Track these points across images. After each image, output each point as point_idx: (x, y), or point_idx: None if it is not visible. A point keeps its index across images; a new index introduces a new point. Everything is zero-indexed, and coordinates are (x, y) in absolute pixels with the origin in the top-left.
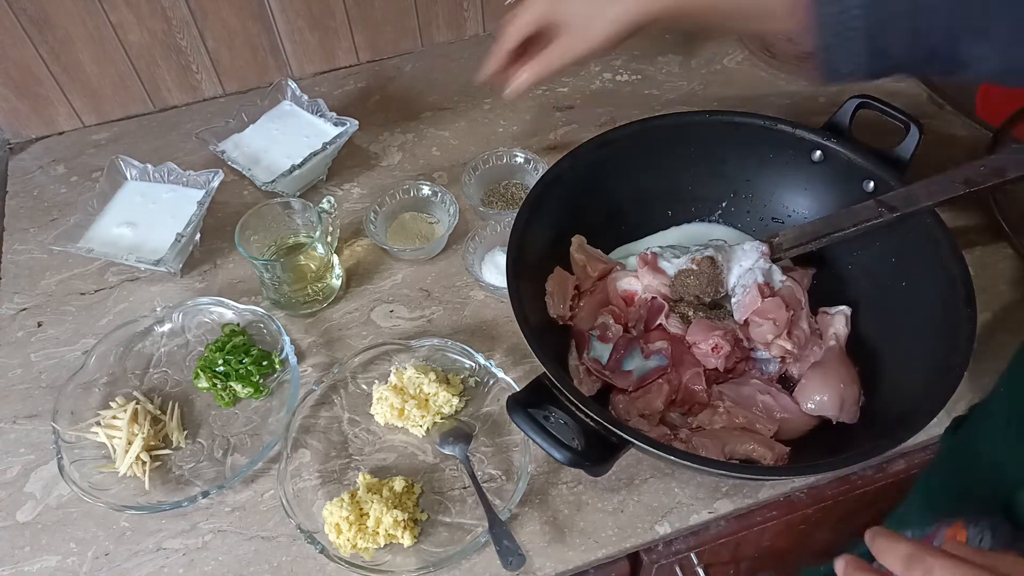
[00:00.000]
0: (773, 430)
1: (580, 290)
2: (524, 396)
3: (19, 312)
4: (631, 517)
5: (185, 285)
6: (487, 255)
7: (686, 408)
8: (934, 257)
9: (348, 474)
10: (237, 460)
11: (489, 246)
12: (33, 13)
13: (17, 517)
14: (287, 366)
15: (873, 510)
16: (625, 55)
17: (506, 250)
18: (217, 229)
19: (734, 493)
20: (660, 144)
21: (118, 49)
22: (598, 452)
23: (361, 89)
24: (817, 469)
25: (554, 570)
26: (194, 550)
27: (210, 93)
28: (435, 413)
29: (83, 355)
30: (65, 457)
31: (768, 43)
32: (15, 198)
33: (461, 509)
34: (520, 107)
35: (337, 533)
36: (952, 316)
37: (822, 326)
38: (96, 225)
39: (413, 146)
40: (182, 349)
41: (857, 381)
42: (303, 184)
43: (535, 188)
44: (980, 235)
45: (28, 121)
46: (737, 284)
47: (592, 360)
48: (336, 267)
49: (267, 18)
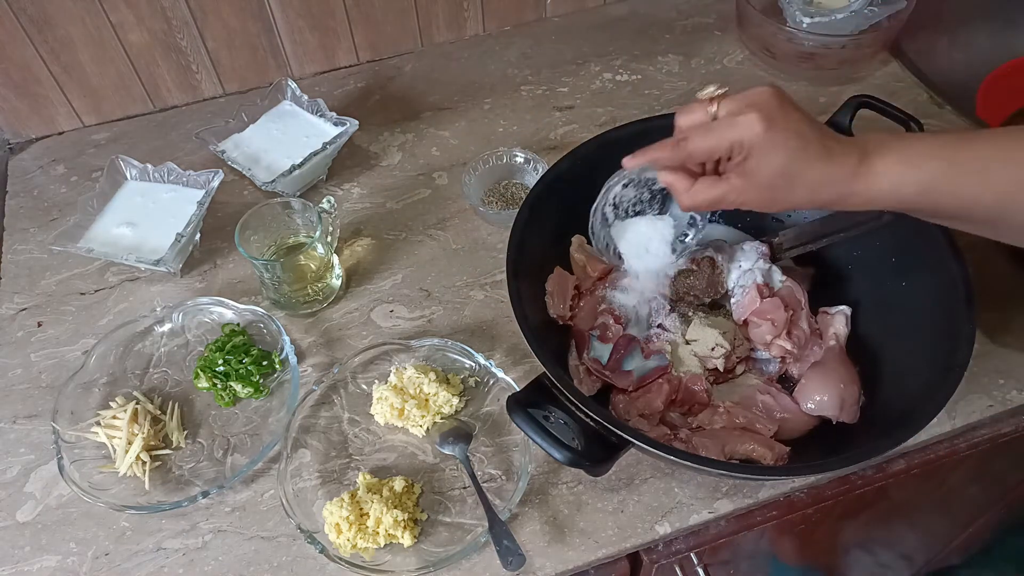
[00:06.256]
0: (773, 430)
1: (580, 290)
2: (524, 396)
3: (19, 312)
4: (631, 517)
5: (185, 285)
6: (624, 224)
7: (686, 408)
8: (934, 257)
9: (348, 474)
10: (237, 460)
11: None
12: (33, 13)
13: (17, 517)
14: (287, 366)
15: (873, 510)
16: (625, 55)
17: (645, 219)
18: (217, 229)
19: (734, 493)
20: None
21: (118, 49)
22: (598, 452)
23: (361, 89)
24: (817, 469)
25: (554, 570)
26: (194, 550)
27: (210, 93)
28: (435, 413)
29: (83, 355)
30: (65, 457)
31: (768, 43)
32: (15, 198)
33: (461, 509)
34: (520, 107)
35: (337, 533)
36: (952, 316)
37: (822, 326)
38: (96, 225)
39: (413, 146)
40: (182, 349)
41: (857, 381)
42: (303, 184)
43: (535, 188)
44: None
45: (28, 121)
46: (737, 284)
47: (592, 360)
48: (336, 267)
49: (267, 18)
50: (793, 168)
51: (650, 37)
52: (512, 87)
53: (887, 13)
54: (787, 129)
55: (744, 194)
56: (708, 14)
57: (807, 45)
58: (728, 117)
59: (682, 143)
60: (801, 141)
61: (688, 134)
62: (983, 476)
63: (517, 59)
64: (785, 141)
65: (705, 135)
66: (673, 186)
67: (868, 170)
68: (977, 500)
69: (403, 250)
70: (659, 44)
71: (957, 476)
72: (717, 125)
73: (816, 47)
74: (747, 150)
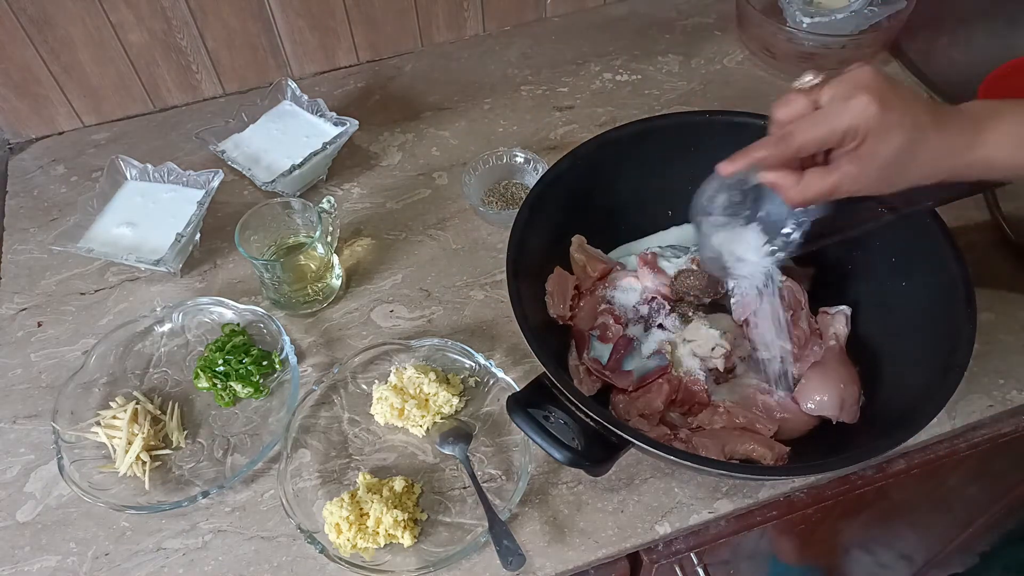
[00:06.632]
0: (773, 430)
1: (580, 290)
2: (524, 396)
3: (19, 312)
4: (631, 517)
5: (185, 285)
6: (731, 234)
7: (686, 408)
8: (934, 257)
9: (348, 474)
10: (237, 460)
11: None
12: (33, 13)
13: (17, 517)
14: (287, 366)
15: (873, 510)
16: (625, 55)
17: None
18: (217, 229)
19: (734, 493)
20: (660, 144)
21: (118, 49)
22: (598, 452)
23: (361, 89)
24: (817, 469)
25: (554, 570)
26: (194, 550)
27: (210, 93)
28: (435, 413)
29: (83, 355)
30: (65, 457)
31: (768, 43)
32: (15, 198)
33: (461, 509)
34: (520, 107)
35: (337, 533)
36: (952, 316)
37: (822, 326)
38: (96, 225)
39: (413, 146)
40: (182, 349)
41: (857, 381)
42: (303, 184)
43: (535, 188)
44: (980, 235)
45: (28, 121)
46: (737, 284)
47: (592, 360)
48: (336, 267)
49: (267, 18)
50: (912, 145)
51: (650, 37)
52: (512, 87)
53: (887, 13)
54: (901, 107)
55: (860, 180)
56: (708, 14)
57: (807, 45)
58: (836, 103)
59: (787, 138)
60: (915, 117)
61: (791, 128)
62: (983, 476)
63: (517, 59)
64: (901, 120)
65: (814, 125)
66: (778, 184)
67: (984, 139)
68: (977, 500)
69: (403, 250)
70: (659, 44)
71: (957, 476)
72: (825, 113)
73: (816, 47)
74: (862, 134)
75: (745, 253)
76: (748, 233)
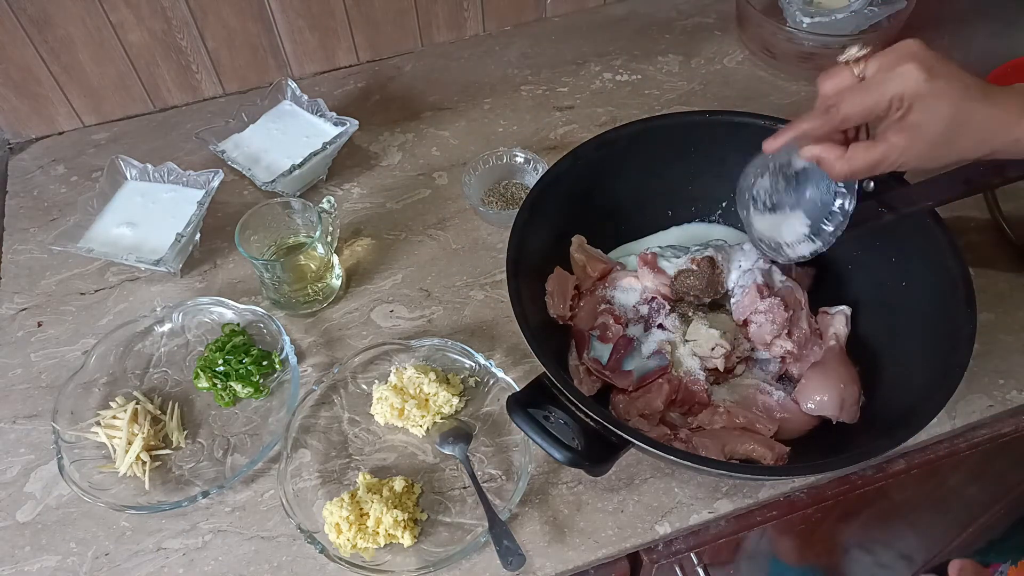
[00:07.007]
0: (773, 430)
1: (580, 290)
2: (524, 396)
3: (19, 312)
4: (631, 517)
5: (185, 285)
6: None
7: (686, 408)
8: (934, 257)
9: (348, 474)
10: (237, 460)
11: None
12: (33, 13)
13: (17, 517)
14: (287, 366)
15: (873, 510)
16: (625, 55)
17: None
18: (217, 229)
19: (734, 493)
20: (660, 144)
21: (118, 49)
22: (598, 452)
23: (361, 89)
24: (817, 469)
25: (554, 570)
26: (194, 550)
27: (210, 93)
28: (435, 413)
29: (83, 355)
30: (65, 457)
31: (768, 43)
32: (15, 198)
33: (461, 509)
34: (520, 107)
35: (337, 533)
36: (952, 316)
37: (822, 326)
38: (96, 225)
39: (413, 146)
40: (182, 349)
41: (857, 381)
42: (303, 184)
43: (535, 188)
44: (980, 235)
45: (28, 121)
46: (736, 284)
47: (592, 360)
48: (336, 267)
49: (267, 18)
50: (960, 116)
51: (650, 37)
52: (512, 87)
53: (887, 13)
54: (948, 76)
55: (908, 151)
56: (708, 14)
57: (807, 45)
58: (882, 72)
59: (833, 109)
60: (963, 87)
61: (837, 99)
62: (983, 476)
63: (517, 59)
64: (948, 88)
65: (861, 94)
66: (822, 158)
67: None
68: (977, 500)
69: (403, 250)
70: (659, 44)
71: (957, 476)
72: (871, 82)
73: (816, 47)
74: (909, 102)
75: (788, 238)
76: (792, 219)
